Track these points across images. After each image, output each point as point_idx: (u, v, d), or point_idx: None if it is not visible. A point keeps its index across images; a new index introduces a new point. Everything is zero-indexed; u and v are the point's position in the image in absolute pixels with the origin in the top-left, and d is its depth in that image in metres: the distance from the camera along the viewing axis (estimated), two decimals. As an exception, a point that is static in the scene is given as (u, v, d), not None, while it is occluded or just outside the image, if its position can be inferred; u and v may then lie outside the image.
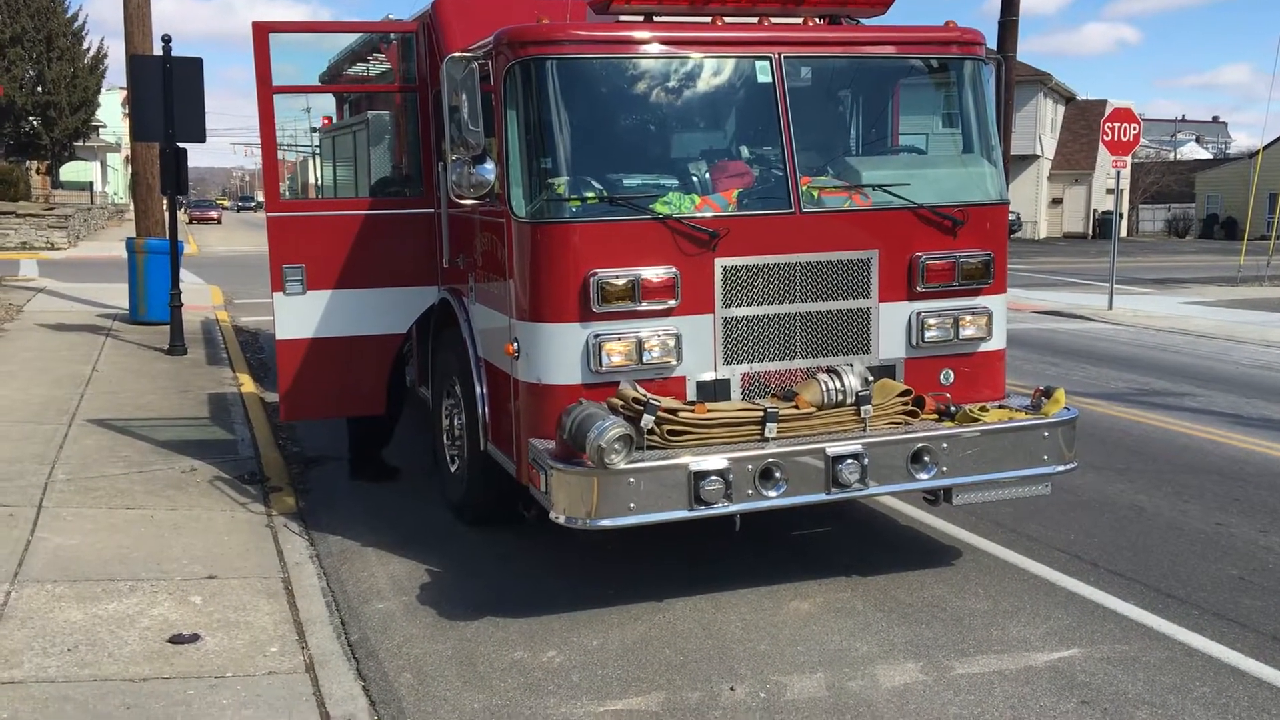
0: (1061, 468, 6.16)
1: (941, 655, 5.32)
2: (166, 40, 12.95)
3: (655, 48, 5.97)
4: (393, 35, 8.27)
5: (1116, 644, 5.46)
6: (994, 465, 5.98)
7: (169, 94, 12.66)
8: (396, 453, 8.54)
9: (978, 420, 6.02)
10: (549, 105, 5.82)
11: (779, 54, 6.05)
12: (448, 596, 6.02)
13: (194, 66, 12.89)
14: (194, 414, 10.17)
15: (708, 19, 6.23)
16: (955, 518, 7.26)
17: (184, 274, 15.20)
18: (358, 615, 5.81)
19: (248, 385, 11.56)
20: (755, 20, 6.36)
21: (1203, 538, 7.12)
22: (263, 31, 7.28)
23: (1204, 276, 30.93)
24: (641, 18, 6.15)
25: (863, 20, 6.72)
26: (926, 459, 5.82)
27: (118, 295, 17.56)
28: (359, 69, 9.56)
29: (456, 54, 5.90)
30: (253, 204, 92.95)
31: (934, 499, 6.28)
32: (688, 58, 6.05)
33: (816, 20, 6.51)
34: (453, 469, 7.27)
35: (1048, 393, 6.24)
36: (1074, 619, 5.76)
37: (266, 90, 7.34)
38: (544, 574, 6.35)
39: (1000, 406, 6.31)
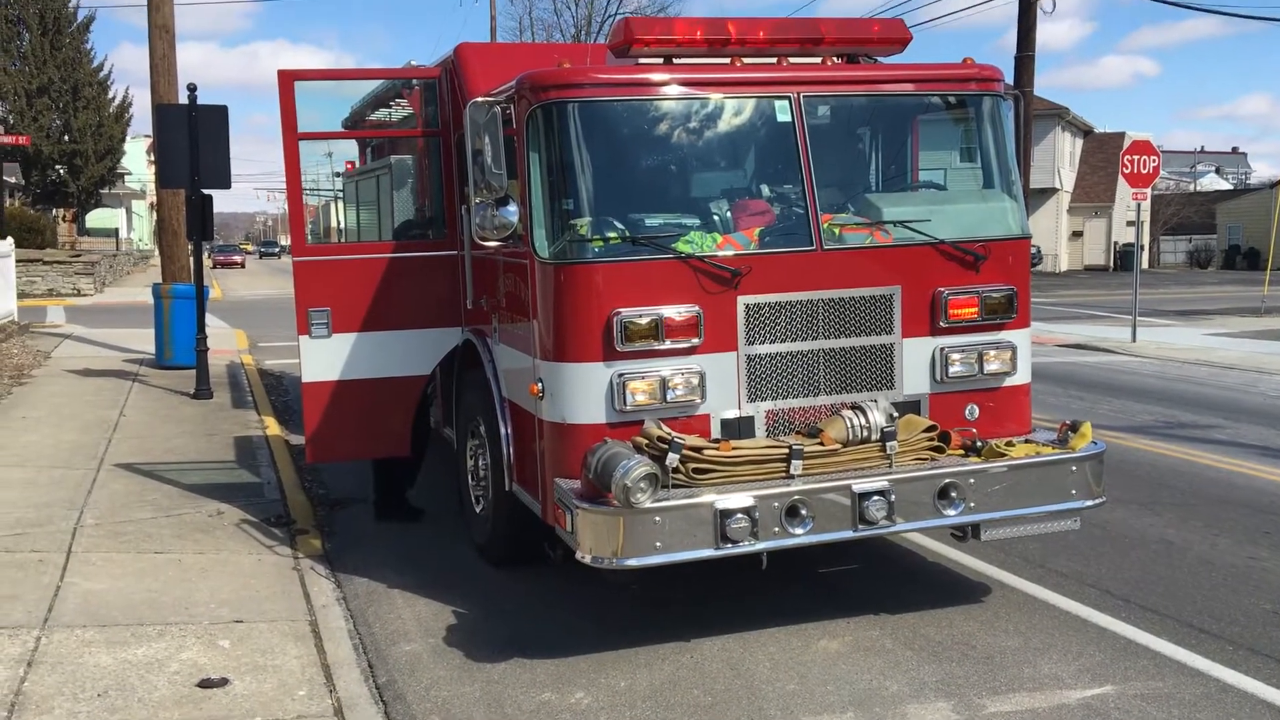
0: (1090, 502, 6.11)
1: (973, 694, 5.27)
2: (192, 89, 13.14)
3: (675, 89, 6.03)
4: (415, 81, 8.38)
5: (1150, 680, 5.39)
6: (1022, 501, 5.95)
7: (194, 142, 12.82)
8: (421, 494, 8.56)
9: (1004, 455, 6.00)
10: (571, 147, 5.87)
11: (798, 93, 6.10)
12: (474, 638, 6.01)
13: (219, 114, 13.08)
14: (220, 457, 10.23)
15: (727, 60, 6.29)
16: (983, 553, 7.20)
17: (209, 318, 15.32)
18: (385, 657, 5.80)
19: (273, 428, 11.63)
20: (774, 60, 6.42)
21: (1234, 572, 7.04)
22: (288, 79, 7.39)
23: (1227, 308, 30.74)
24: (661, 60, 6.21)
25: (880, 59, 6.77)
26: (954, 495, 5.79)
27: (144, 340, 17.72)
28: (381, 114, 9.68)
29: (479, 98, 5.98)
30: (276, 249, 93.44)
31: (962, 535, 6.23)
32: (707, 98, 6.10)
33: (835, 59, 6.56)
34: (478, 509, 7.28)
35: (1074, 427, 6.21)
36: (1106, 655, 5.70)
37: (292, 137, 7.44)
38: (570, 614, 6.33)
39: (1027, 441, 6.28)
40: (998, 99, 6.60)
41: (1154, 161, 21.00)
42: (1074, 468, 6.05)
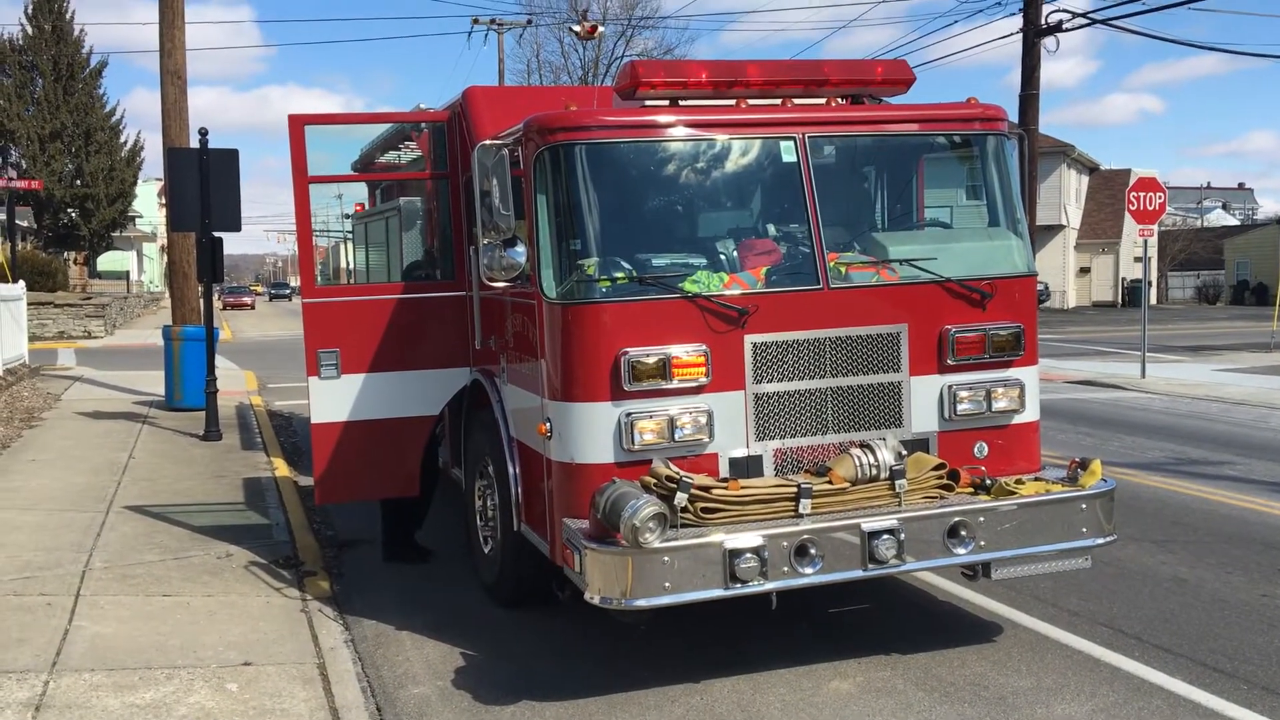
0: (1101, 540, 6.08)
1: (985, 734, 5.22)
2: (203, 133, 13.26)
3: (681, 131, 6.08)
4: (424, 124, 8.45)
5: (1165, 721, 5.35)
6: (1032, 539, 5.92)
7: (205, 185, 12.93)
8: (429, 534, 8.54)
9: (1014, 493, 5.98)
10: (578, 188, 5.92)
11: (803, 134, 6.14)
12: (483, 680, 5.98)
13: (230, 157, 13.19)
14: (229, 499, 10.23)
15: (732, 101, 6.35)
16: (994, 592, 7.16)
17: (218, 360, 15.36)
18: (393, 701, 5.77)
19: (282, 469, 11.63)
20: (779, 102, 6.48)
21: (1248, 610, 6.99)
22: (299, 124, 7.46)
23: (1237, 343, 30.66)
24: (667, 102, 6.27)
25: (885, 99, 6.82)
26: (964, 533, 5.77)
27: (154, 382, 17.77)
28: (390, 156, 9.76)
29: (487, 141, 6.04)
30: (286, 291, 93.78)
31: (972, 574, 6.21)
32: (713, 139, 6.15)
33: (839, 100, 6.62)
34: (486, 550, 7.26)
35: (1084, 464, 6.19)
36: (1120, 696, 5.65)
37: (302, 180, 7.51)
38: (579, 656, 6.30)
39: (1036, 479, 6.26)
40: (1001, 138, 6.64)
41: (1160, 198, 21.04)
42: (1084, 505, 6.03)
